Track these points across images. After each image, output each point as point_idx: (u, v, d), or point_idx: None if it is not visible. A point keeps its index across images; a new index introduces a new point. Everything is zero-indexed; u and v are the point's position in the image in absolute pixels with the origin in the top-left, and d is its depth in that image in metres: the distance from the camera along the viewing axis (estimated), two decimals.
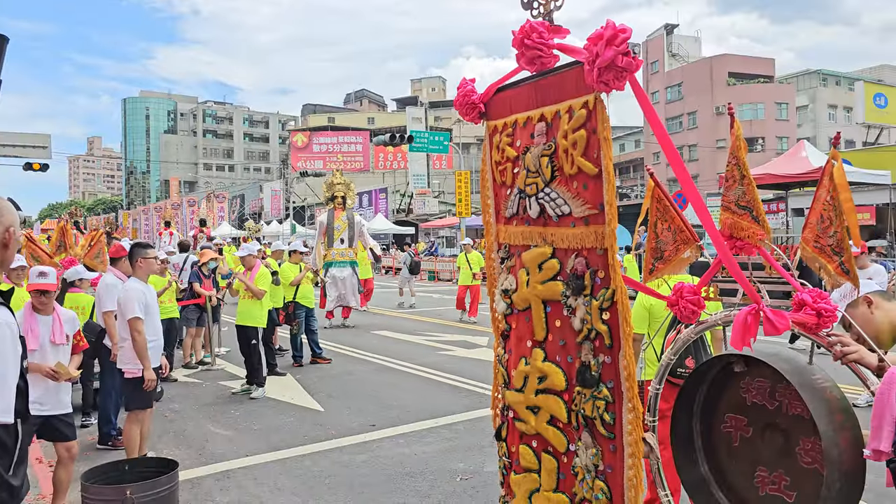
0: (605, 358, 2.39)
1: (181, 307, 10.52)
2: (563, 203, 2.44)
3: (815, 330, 2.53)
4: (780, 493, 2.86)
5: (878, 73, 66.70)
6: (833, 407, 2.50)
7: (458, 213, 28.92)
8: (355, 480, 5.65)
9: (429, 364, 10.51)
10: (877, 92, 31.91)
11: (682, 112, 59.24)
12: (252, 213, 64.97)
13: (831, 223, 2.61)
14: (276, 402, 8.38)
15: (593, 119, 2.27)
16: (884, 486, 2.41)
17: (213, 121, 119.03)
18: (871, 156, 27.36)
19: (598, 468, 2.45)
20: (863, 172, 20.64)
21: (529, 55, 2.41)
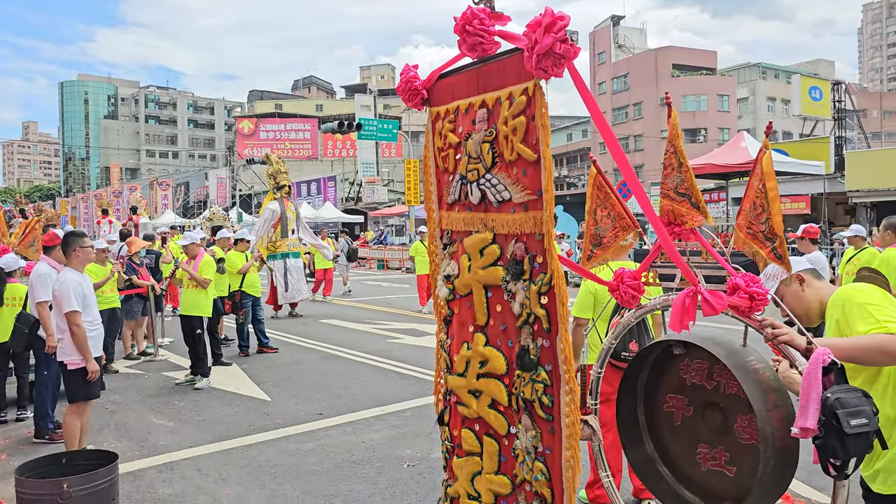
0: (543, 342, 2.42)
1: (123, 297, 10.26)
2: (504, 189, 2.46)
3: (748, 313, 2.61)
4: (722, 468, 2.96)
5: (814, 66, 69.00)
6: (766, 387, 2.59)
7: (408, 201, 28.89)
8: (302, 469, 5.62)
9: (377, 352, 10.50)
10: (812, 85, 32.98)
11: (628, 102, 60.21)
12: (197, 200, 63.60)
13: (763, 210, 2.69)
14: (221, 393, 8.26)
15: (532, 106, 2.29)
16: (812, 462, 2.52)
17: (155, 106, 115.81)
18: (806, 147, 28.31)
19: (538, 450, 2.49)
20: (799, 163, 21.37)
21: (471, 41, 2.42)
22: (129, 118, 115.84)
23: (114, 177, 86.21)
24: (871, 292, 2.65)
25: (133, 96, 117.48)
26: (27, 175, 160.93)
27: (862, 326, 2.54)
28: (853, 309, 2.61)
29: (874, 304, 2.57)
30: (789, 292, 2.91)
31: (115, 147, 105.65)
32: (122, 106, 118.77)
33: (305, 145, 64.14)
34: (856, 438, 2.24)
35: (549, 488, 2.47)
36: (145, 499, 5.09)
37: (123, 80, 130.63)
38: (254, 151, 56.08)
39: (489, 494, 2.73)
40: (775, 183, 2.64)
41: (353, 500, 5.00)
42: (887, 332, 2.46)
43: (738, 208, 2.84)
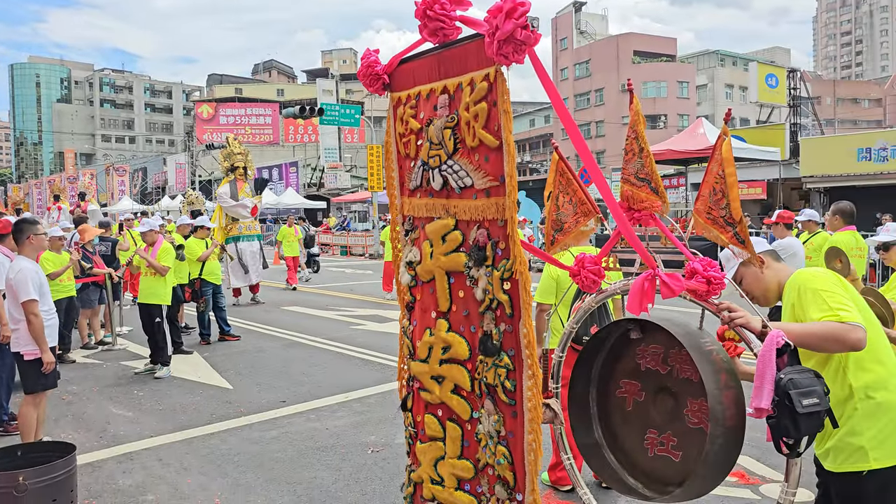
0: (506, 327, 2.44)
1: (79, 286, 10.04)
2: (466, 175, 2.46)
3: (706, 296, 2.66)
4: (668, 453, 3.03)
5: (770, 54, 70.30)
6: (718, 368, 2.66)
7: (371, 187, 28.73)
8: (265, 457, 5.59)
9: (340, 339, 10.46)
10: (768, 73, 33.61)
11: (590, 89, 60.62)
12: (156, 186, 62.39)
13: (723, 196, 2.74)
14: (182, 381, 8.16)
15: (494, 92, 2.28)
16: (766, 441, 2.59)
17: (111, 90, 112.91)
18: (763, 133, 28.88)
19: (500, 434, 2.51)
20: (755, 149, 21.79)
21: (432, 27, 2.40)
22: (84, 102, 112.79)
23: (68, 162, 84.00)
24: (827, 278, 2.72)
25: (87, 79, 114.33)
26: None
27: (815, 313, 2.61)
28: (807, 294, 2.68)
29: (828, 291, 2.64)
30: (749, 273, 2.97)
31: (69, 132, 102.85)
32: (76, 89, 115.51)
33: (266, 130, 63.31)
34: (808, 418, 2.31)
35: (512, 472, 2.49)
36: (105, 490, 5.02)
37: (77, 63, 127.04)
38: (213, 136, 55.14)
39: (452, 479, 2.75)
40: (734, 169, 2.69)
41: (316, 486, 5.00)
42: (839, 321, 2.53)
43: (697, 194, 2.88)
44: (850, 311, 2.56)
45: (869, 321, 2.69)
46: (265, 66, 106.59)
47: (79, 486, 4.45)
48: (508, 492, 2.51)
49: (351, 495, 4.83)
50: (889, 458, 2.63)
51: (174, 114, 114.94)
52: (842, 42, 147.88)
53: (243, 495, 4.87)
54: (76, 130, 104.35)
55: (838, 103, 70.66)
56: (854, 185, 22.16)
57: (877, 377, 2.67)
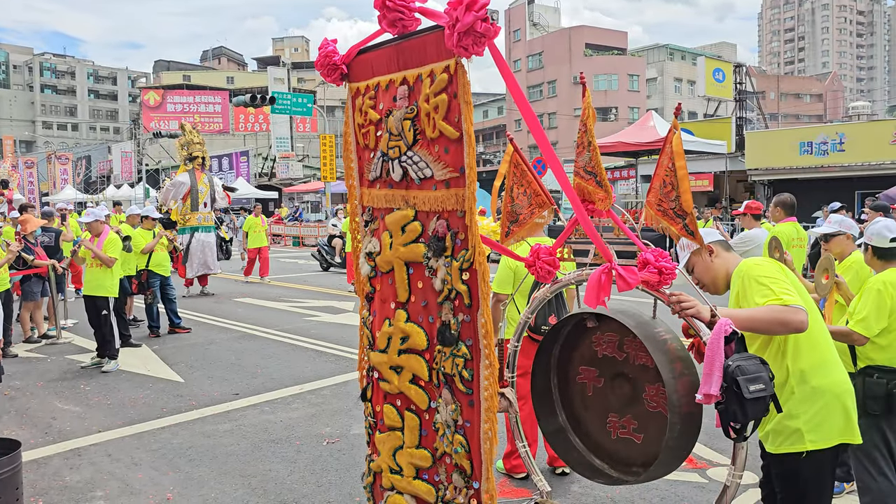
0: (464, 317, 2.46)
1: (21, 278, 9.72)
2: (426, 166, 2.47)
3: (657, 286, 2.73)
4: (630, 435, 3.12)
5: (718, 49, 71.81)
6: (673, 356, 2.73)
7: (323, 177, 28.43)
8: (219, 450, 5.53)
9: (294, 330, 10.37)
10: (716, 67, 34.32)
11: (542, 80, 61.04)
12: (100, 175, 60.60)
13: (673, 188, 2.81)
14: (131, 375, 7.99)
15: (454, 83, 2.30)
16: (714, 427, 2.68)
17: (52, 75, 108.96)
18: (710, 127, 29.52)
19: (458, 423, 2.54)
20: (703, 142, 22.27)
21: (391, 17, 2.40)
22: (23, 87, 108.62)
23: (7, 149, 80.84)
24: (769, 267, 2.83)
25: (27, 64, 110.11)
26: None
27: (759, 299, 2.71)
28: (751, 283, 2.78)
29: (770, 278, 2.75)
30: (699, 262, 3.06)
31: (8, 118, 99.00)
32: (15, 74, 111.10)
33: (216, 119, 61.95)
34: (754, 403, 2.40)
35: (469, 460, 2.53)
36: (51, 487, 4.89)
37: (15, 46, 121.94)
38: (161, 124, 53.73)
39: (410, 468, 2.77)
40: (685, 162, 2.76)
41: (271, 479, 4.96)
42: (783, 304, 2.63)
43: (649, 186, 2.95)
44: (793, 295, 2.67)
45: (809, 306, 2.80)
46: (214, 52, 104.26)
47: (24, 484, 4.32)
48: (465, 480, 2.54)
49: (306, 487, 4.82)
50: (824, 441, 2.75)
51: (119, 101, 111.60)
52: (785, 38, 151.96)
53: (196, 489, 4.81)
54: (15, 116, 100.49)
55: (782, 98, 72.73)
56: (796, 177, 22.86)
57: (812, 362, 2.79)
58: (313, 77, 72.32)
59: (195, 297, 14.08)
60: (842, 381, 2.83)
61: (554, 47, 59.98)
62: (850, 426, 2.79)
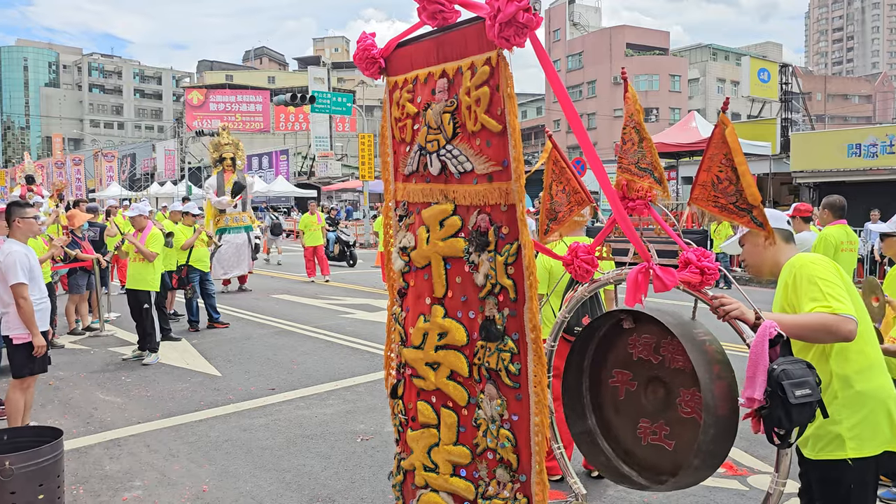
0: (510, 311, 2.43)
1: (66, 271, 9.97)
2: (466, 160, 2.44)
3: (699, 287, 2.66)
4: (661, 442, 3.04)
5: (762, 49, 70.46)
6: (711, 358, 2.66)
7: (362, 176, 28.60)
8: (254, 444, 5.57)
9: (329, 327, 10.44)
10: (761, 67, 33.67)
11: (582, 81, 60.54)
12: (144, 173, 61.91)
13: (731, 183, 2.72)
14: (170, 368, 8.12)
15: (496, 76, 2.26)
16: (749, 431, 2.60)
17: (99, 75, 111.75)
18: (754, 128, 28.94)
19: (504, 417, 2.51)
20: (747, 143, 21.80)
21: (431, 10, 2.37)
22: (72, 87, 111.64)
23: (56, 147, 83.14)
24: (825, 267, 2.69)
25: (76, 64, 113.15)
26: None
27: (808, 301, 2.60)
28: (803, 281, 2.67)
29: (824, 280, 2.62)
30: (751, 242, 2.95)
31: (57, 116, 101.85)
32: (65, 73, 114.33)
33: (257, 118, 62.90)
34: (800, 408, 2.32)
35: (516, 454, 2.49)
36: (92, 475, 4.99)
37: (65, 47, 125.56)
38: (203, 123, 54.68)
39: (447, 465, 2.74)
40: (744, 158, 2.67)
41: (305, 474, 4.98)
42: (832, 312, 2.52)
43: (694, 182, 2.86)
44: (844, 301, 2.56)
45: (860, 311, 2.69)
46: (256, 52, 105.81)
47: (66, 472, 4.41)
48: (511, 474, 2.51)
49: (340, 483, 4.82)
50: (867, 448, 2.64)
51: (164, 100, 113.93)
52: (833, 38, 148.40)
53: (232, 482, 4.86)
54: (64, 115, 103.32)
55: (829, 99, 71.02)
56: (843, 180, 22.25)
57: (859, 367, 2.67)
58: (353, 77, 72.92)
59: (234, 293, 14.27)
60: (887, 385, 2.71)
61: (594, 47, 59.44)
62: (895, 433, 2.67)
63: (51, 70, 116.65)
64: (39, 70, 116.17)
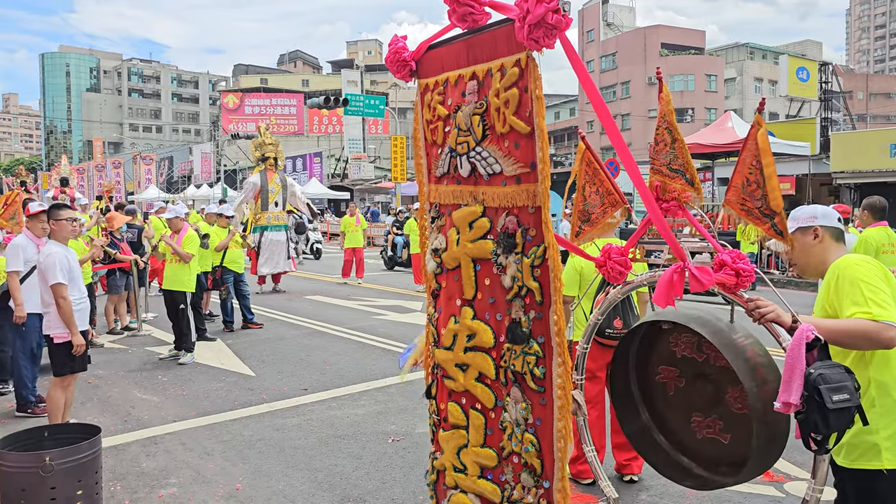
0: (535, 314, 2.41)
1: (105, 272, 10.18)
2: (495, 162, 2.43)
3: (734, 289, 2.62)
4: (716, 435, 3.01)
5: (802, 48, 69.06)
6: (754, 363, 2.62)
7: (394, 178, 28.71)
8: (286, 444, 5.63)
9: (362, 328, 10.49)
10: (800, 66, 32.98)
11: (615, 81, 60.02)
12: (181, 175, 62.97)
13: (758, 186, 2.67)
14: (205, 368, 8.24)
15: (525, 77, 2.25)
16: (793, 438, 2.55)
17: (138, 79, 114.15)
18: (793, 128, 28.41)
19: (528, 421, 2.49)
20: (785, 144, 21.42)
21: (461, 12, 2.37)
22: (112, 91, 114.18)
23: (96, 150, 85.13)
24: (871, 270, 2.60)
25: (116, 69, 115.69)
26: (7, 148, 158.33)
27: (849, 305, 2.53)
28: (845, 283, 2.59)
29: (868, 283, 2.54)
30: (800, 241, 2.88)
31: (98, 120, 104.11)
32: (105, 79, 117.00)
33: (291, 120, 63.59)
34: (838, 414, 2.27)
35: (539, 459, 2.48)
36: (129, 472, 5.08)
37: (106, 53, 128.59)
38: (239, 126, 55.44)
39: (475, 467, 2.74)
40: (772, 160, 2.62)
41: (337, 474, 5.02)
42: (872, 318, 2.45)
43: (729, 184, 2.82)
44: (887, 308, 2.48)
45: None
46: (290, 56, 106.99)
47: (104, 469, 4.50)
48: (535, 479, 2.50)
49: (371, 483, 4.85)
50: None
51: (200, 103, 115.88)
52: (875, 35, 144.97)
53: (265, 481, 4.91)
54: (104, 119, 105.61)
55: (871, 98, 69.34)
56: (885, 181, 21.72)
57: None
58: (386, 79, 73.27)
59: (268, 294, 14.43)
60: None
61: (628, 47, 58.88)
62: None
63: (92, 75, 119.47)
64: (81, 75, 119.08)
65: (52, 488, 3.87)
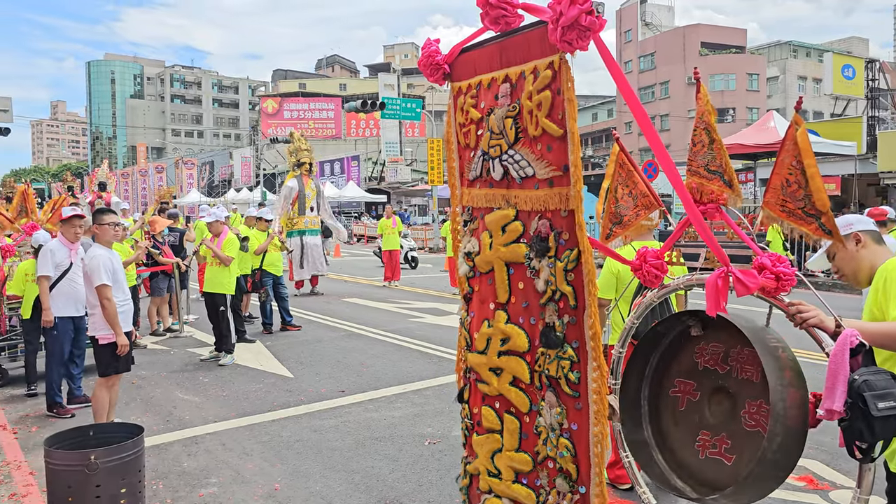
0: (569, 319, 2.40)
1: (149, 275, 10.40)
2: (527, 165, 2.43)
3: (774, 293, 2.56)
4: (720, 455, 2.92)
5: (847, 45, 67.34)
6: (783, 365, 2.55)
7: (431, 181, 28.81)
8: (324, 445, 5.68)
9: (399, 331, 10.54)
10: (845, 63, 32.18)
11: (654, 82, 59.34)
12: (222, 180, 64.02)
13: (800, 187, 2.61)
14: (245, 369, 8.36)
15: (558, 80, 2.24)
16: (837, 446, 2.48)
17: (180, 85, 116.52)
18: (838, 127, 27.71)
19: (563, 426, 2.48)
20: (830, 143, 20.91)
21: (494, 14, 2.37)
22: (155, 97, 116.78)
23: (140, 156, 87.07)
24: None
25: (159, 76, 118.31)
26: (56, 154, 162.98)
27: (894, 309, 2.47)
28: (893, 284, 2.53)
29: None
30: (843, 251, 2.81)
31: (142, 126, 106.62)
32: (148, 85, 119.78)
33: (329, 124, 64.14)
34: (883, 421, 2.21)
35: (575, 464, 2.46)
36: (171, 471, 5.18)
37: (149, 60, 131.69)
38: (278, 131, 56.17)
39: (509, 471, 2.73)
40: (814, 160, 2.56)
41: (374, 476, 5.04)
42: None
43: (767, 185, 2.76)
44: None
45: None
46: (328, 61, 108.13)
47: (146, 467, 4.59)
48: (570, 484, 2.48)
49: (407, 485, 4.86)
50: None
51: (240, 108, 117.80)
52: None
53: (303, 482, 4.96)
54: (148, 125, 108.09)
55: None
56: None
57: None
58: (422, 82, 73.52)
59: (306, 297, 14.58)
60: None
61: (667, 47, 58.15)
62: None
63: (135, 82, 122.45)
64: (125, 82, 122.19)
65: (97, 486, 3.97)
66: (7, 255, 8.22)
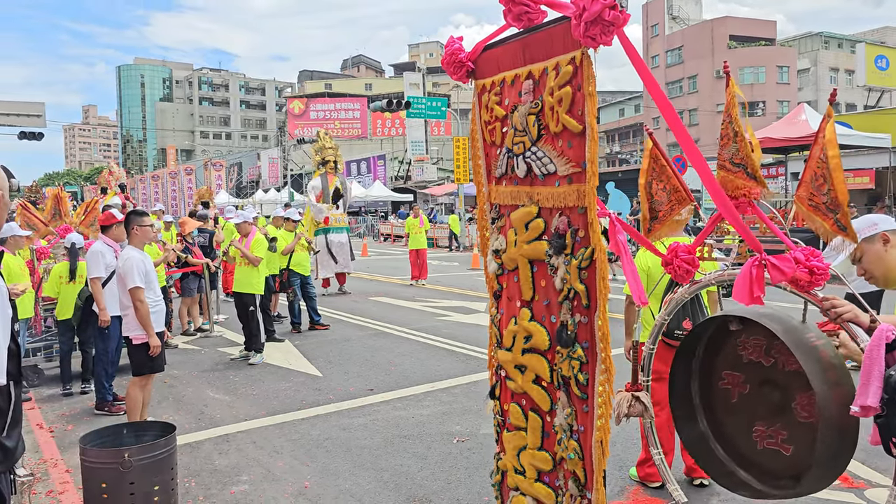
0: (581, 318, 2.37)
1: (179, 276, 10.54)
2: (549, 162, 2.41)
3: (808, 287, 2.52)
4: (778, 446, 2.88)
5: (881, 35, 65.87)
6: (826, 364, 2.51)
7: (457, 179, 28.79)
8: (353, 443, 5.71)
9: (426, 329, 10.55)
10: (878, 54, 31.53)
11: (682, 76, 58.67)
12: (250, 181, 64.67)
13: (825, 181, 2.57)
14: (274, 368, 8.43)
15: (579, 75, 2.22)
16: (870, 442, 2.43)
17: (208, 88, 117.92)
18: (871, 119, 27.15)
19: (573, 428, 2.45)
20: (863, 136, 20.49)
21: (516, 11, 2.36)
22: (184, 100, 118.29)
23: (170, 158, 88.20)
24: None
25: (187, 79, 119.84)
26: (87, 157, 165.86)
27: None
28: None
29: None
30: (870, 251, 2.77)
31: (171, 129, 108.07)
32: (177, 88, 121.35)
33: (355, 124, 64.50)
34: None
35: (583, 468, 2.43)
36: (203, 469, 5.25)
37: (178, 63, 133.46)
38: (304, 131, 56.63)
39: (532, 469, 2.72)
40: (837, 151, 2.51)
41: (402, 474, 5.06)
42: None
43: (800, 179, 2.72)
44: None
45: None
46: (353, 61, 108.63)
47: (179, 465, 4.65)
48: (579, 488, 2.45)
49: (436, 483, 4.87)
50: None
51: (267, 110, 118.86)
52: None
53: (332, 480, 4.99)
54: (177, 128, 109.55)
55: None
56: None
57: None
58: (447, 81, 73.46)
59: (333, 296, 14.66)
60: None
61: (695, 41, 57.43)
62: None
63: (164, 85, 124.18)
64: (155, 86, 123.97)
65: (130, 483, 4.03)
66: (42, 258, 8.38)
